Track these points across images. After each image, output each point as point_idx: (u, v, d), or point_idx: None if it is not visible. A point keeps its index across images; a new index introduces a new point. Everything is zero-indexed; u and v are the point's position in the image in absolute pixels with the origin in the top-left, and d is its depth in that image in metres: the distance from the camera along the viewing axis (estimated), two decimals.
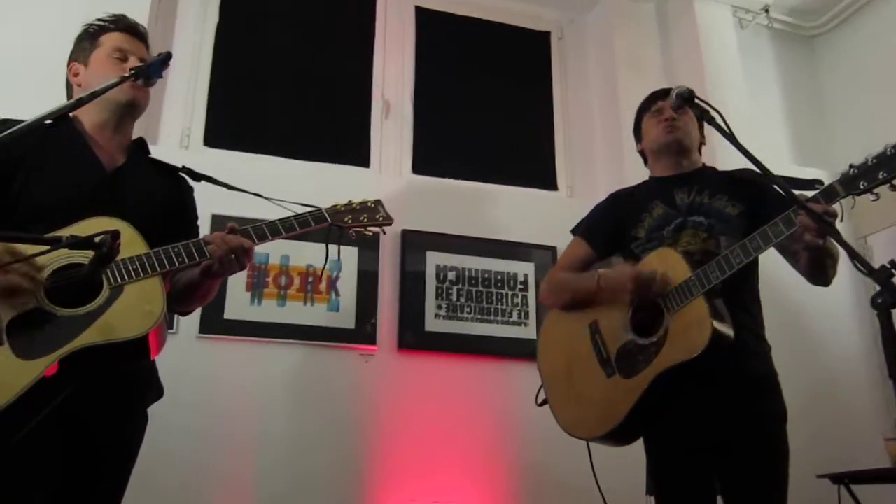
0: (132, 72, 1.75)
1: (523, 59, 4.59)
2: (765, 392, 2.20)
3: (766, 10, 4.53)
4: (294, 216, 1.95)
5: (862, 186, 1.82)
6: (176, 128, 3.74)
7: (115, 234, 1.40)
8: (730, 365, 2.09)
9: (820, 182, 2.01)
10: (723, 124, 2.01)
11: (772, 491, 2.12)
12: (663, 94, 2.49)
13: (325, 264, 2.06)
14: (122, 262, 1.68)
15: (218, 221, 3.27)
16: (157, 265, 1.72)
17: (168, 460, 2.88)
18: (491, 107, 4.39)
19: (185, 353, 3.06)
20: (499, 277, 3.73)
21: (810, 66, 4.77)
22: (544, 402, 2.44)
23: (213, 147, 3.79)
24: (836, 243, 1.96)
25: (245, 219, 2.86)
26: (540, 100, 4.52)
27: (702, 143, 2.50)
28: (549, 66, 4.62)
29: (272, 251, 3.45)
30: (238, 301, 3.36)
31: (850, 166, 1.85)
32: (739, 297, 2.21)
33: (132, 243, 1.72)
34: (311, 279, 3.47)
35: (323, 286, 3.48)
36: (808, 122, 4.59)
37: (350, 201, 2.08)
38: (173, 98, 3.74)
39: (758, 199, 2.25)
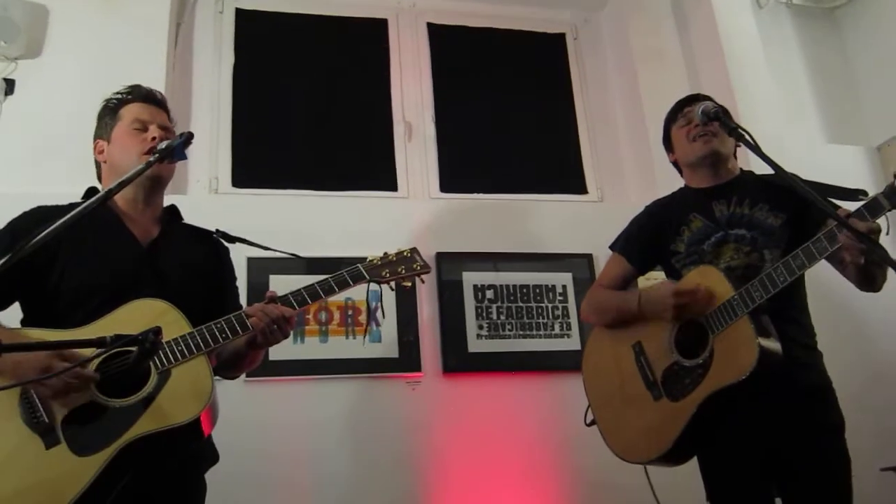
0: (156, 156, 1.77)
1: (540, 63, 4.55)
2: (819, 403, 2.16)
3: None
4: (332, 277, 1.96)
5: None
6: (204, 174, 3.78)
7: (157, 330, 1.41)
8: (781, 379, 2.06)
9: (864, 193, 1.97)
10: (750, 139, 1.98)
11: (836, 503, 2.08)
12: (688, 101, 2.45)
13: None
14: (167, 344, 1.70)
15: (253, 265, 3.32)
16: (201, 344, 1.74)
17: None
18: (512, 116, 4.35)
19: (234, 399, 3.05)
20: (537, 290, 3.71)
21: (835, 40, 4.64)
22: (593, 423, 2.44)
23: (242, 188, 3.82)
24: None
25: (279, 259, 2.97)
26: (561, 103, 4.47)
27: (737, 145, 2.41)
28: (567, 68, 4.56)
29: None
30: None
31: (895, 176, 1.80)
32: (786, 308, 2.16)
33: (175, 323, 1.75)
34: (350, 312, 3.48)
35: (363, 318, 3.49)
36: (838, 98, 4.46)
37: (386, 253, 2.07)
38: (198, 145, 3.66)
39: (800, 207, 2.20)
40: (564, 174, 4.29)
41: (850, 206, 1.92)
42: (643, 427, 2.25)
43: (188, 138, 1.81)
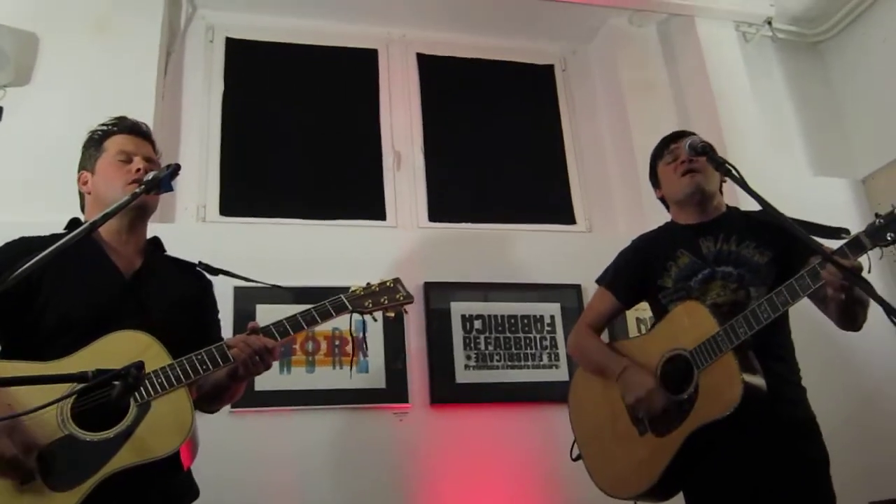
0: (142, 187, 1.77)
1: (529, 94, 4.58)
2: (803, 438, 2.16)
3: (769, 22, 4.47)
4: (314, 308, 1.95)
5: (889, 238, 1.80)
6: (192, 202, 3.77)
7: (140, 365, 1.39)
8: (765, 414, 2.06)
9: (846, 231, 1.99)
10: (737, 174, 1.99)
11: None
12: (675, 137, 2.47)
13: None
14: (146, 376, 1.68)
15: (239, 294, 3.31)
16: (181, 376, 1.72)
17: None
18: (501, 147, 4.37)
19: (219, 430, 3.02)
20: (525, 321, 3.70)
21: (820, 73, 4.70)
22: (579, 458, 2.45)
23: (230, 216, 3.81)
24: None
25: (266, 289, 2.97)
26: (550, 133, 4.50)
27: (723, 181, 2.43)
28: (555, 99, 4.60)
29: None
30: (267, 371, 3.34)
31: (876, 216, 1.82)
32: (770, 344, 2.17)
33: (157, 356, 1.73)
34: (337, 342, 3.46)
35: (350, 348, 3.46)
36: (824, 130, 4.52)
37: (369, 284, 2.06)
38: (187, 173, 3.70)
39: (786, 245, 2.21)
40: (553, 204, 4.30)
41: (833, 244, 1.93)
42: (629, 462, 2.25)
43: (175, 170, 1.81)
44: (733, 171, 2.03)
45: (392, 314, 2.07)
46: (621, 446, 2.28)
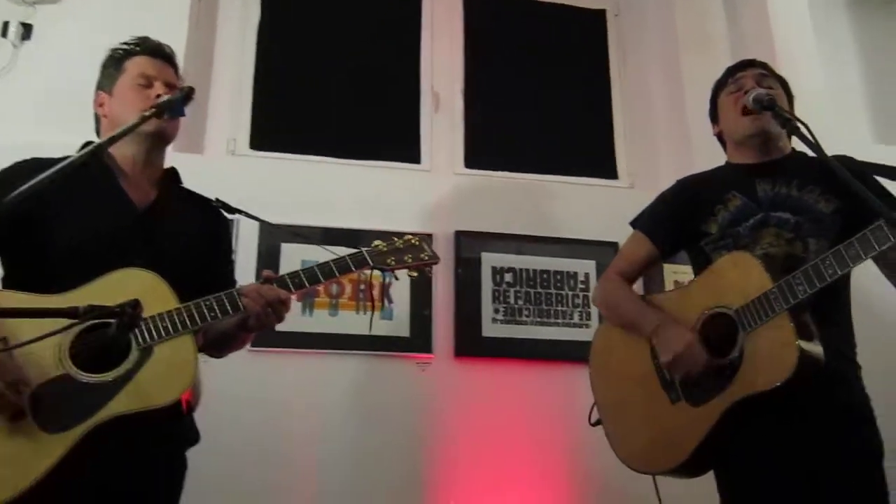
0: (153, 110, 1.65)
1: (578, 39, 4.35)
2: (857, 424, 1.91)
3: None
4: (333, 261, 1.83)
5: None
6: (222, 134, 3.66)
7: (135, 303, 1.29)
8: (816, 392, 1.82)
9: None
10: (806, 130, 1.80)
11: None
12: (743, 65, 2.20)
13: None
14: (151, 319, 1.58)
15: (265, 232, 3.22)
16: (188, 322, 1.62)
17: (230, 479, 2.89)
18: (545, 93, 4.17)
19: (238, 368, 2.97)
20: (558, 277, 3.57)
21: (892, 32, 4.39)
22: (598, 423, 2.23)
23: (261, 150, 3.71)
24: None
25: (290, 225, 2.92)
26: (597, 83, 4.28)
27: None
28: (605, 46, 4.36)
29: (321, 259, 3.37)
30: (289, 312, 3.28)
31: None
32: (826, 308, 1.89)
33: (162, 297, 1.63)
34: (362, 286, 3.37)
35: (376, 293, 3.37)
36: (892, 95, 4.23)
37: (393, 239, 1.93)
38: (217, 103, 3.66)
39: (857, 195, 1.84)
40: (595, 157, 4.11)
41: None
42: (656, 434, 2.04)
43: (188, 93, 1.69)
44: (801, 128, 1.82)
45: (415, 274, 1.94)
46: (648, 414, 2.06)
